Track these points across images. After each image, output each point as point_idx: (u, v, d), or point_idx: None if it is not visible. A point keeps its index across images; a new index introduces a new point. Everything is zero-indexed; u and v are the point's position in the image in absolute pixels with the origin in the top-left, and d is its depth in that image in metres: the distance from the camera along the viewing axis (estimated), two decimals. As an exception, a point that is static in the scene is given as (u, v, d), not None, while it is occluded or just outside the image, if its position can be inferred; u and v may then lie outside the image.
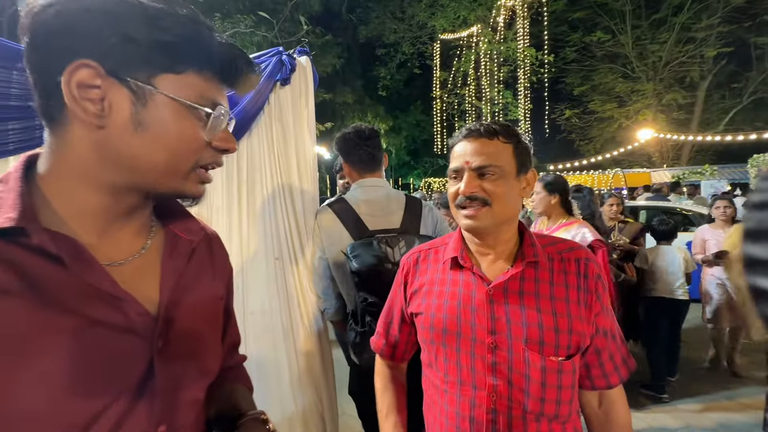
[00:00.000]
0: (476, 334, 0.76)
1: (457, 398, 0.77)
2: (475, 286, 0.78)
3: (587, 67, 14.45)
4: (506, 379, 0.73)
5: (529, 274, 0.77)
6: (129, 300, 0.48)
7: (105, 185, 0.49)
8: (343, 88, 12.78)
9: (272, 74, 1.42)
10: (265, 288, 1.47)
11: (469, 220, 0.76)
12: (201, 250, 0.62)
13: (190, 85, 0.48)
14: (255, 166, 1.49)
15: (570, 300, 0.75)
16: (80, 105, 0.44)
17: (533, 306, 0.75)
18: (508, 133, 0.77)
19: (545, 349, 0.73)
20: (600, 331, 0.78)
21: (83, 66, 0.43)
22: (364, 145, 1.42)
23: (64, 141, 0.47)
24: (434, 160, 17.74)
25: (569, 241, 0.84)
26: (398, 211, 1.41)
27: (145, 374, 0.49)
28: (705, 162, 11.12)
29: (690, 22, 12.46)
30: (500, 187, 0.74)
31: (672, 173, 10.51)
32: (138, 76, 0.46)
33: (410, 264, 0.91)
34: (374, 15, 13.31)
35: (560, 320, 0.73)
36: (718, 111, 13.71)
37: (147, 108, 0.46)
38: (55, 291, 0.44)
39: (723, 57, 12.57)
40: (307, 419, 1.47)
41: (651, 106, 13.70)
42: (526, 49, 11.43)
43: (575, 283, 0.77)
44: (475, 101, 13.07)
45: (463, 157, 0.77)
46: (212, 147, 0.53)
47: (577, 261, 0.78)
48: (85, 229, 0.49)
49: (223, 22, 8.23)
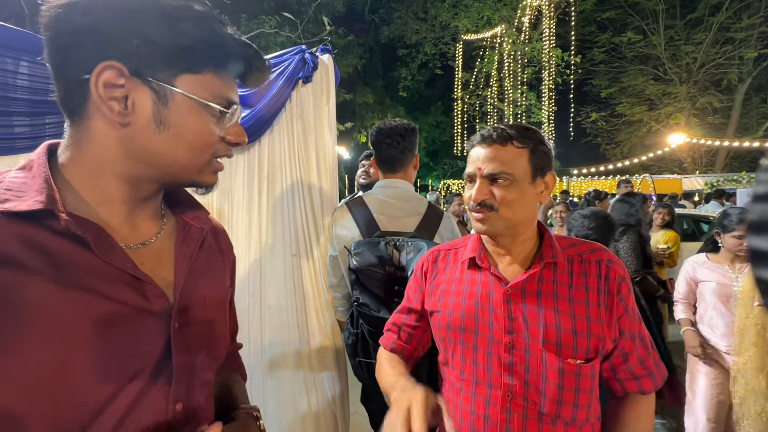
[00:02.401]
0: (493, 333, 0.76)
1: (472, 396, 0.78)
2: (493, 286, 0.79)
3: (616, 69, 13.96)
4: (522, 380, 0.73)
5: (547, 276, 0.77)
6: (148, 282, 0.50)
7: (127, 176, 0.51)
8: (363, 88, 12.85)
9: (294, 72, 1.43)
10: (282, 284, 1.49)
11: (479, 224, 0.78)
12: (209, 238, 0.65)
13: (208, 84, 0.51)
14: (276, 163, 1.51)
15: (589, 302, 0.75)
16: (107, 104, 0.47)
17: (551, 307, 0.75)
18: (524, 137, 0.77)
19: (563, 350, 0.72)
20: (626, 334, 0.76)
21: (109, 67, 0.45)
22: (384, 143, 1.37)
23: (87, 135, 0.49)
24: (454, 162, 17.58)
25: (592, 243, 0.83)
26: (415, 216, 1.35)
27: (162, 354, 0.51)
28: (742, 169, 10.54)
29: (729, 21, 11.86)
30: (511, 194, 0.75)
31: (705, 180, 10.03)
32: (160, 77, 0.48)
33: (429, 262, 0.92)
34: (397, 15, 13.29)
35: (578, 322, 0.73)
36: (758, 115, 12.97)
37: (168, 107, 0.49)
38: (80, 272, 0.46)
39: (764, 58, 11.89)
40: (319, 415, 1.48)
41: (684, 109, 13.11)
42: (551, 49, 11.15)
43: (595, 285, 0.76)
44: (497, 103, 12.86)
45: (476, 163, 0.78)
46: (225, 141, 0.55)
47: (598, 263, 0.78)
48: (108, 215, 0.51)
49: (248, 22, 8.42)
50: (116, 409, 0.46)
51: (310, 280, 1.51)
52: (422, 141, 16.31)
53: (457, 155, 14.73)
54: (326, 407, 1.50)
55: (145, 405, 0.49)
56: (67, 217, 0.45)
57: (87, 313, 0.45)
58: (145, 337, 0.50)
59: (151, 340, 0.50)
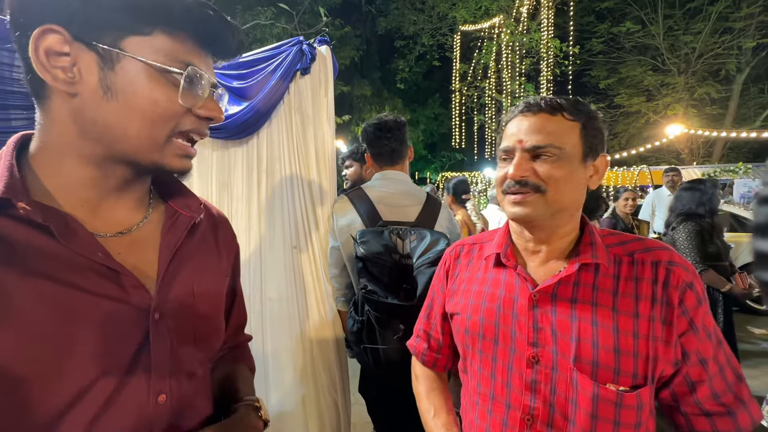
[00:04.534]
0: (515, 344, 0.66)
1: (488, 414, 0.68)
2: (519, 289, 0.68)
3: (614, 59, 13.88)
4: (547, 402, 0.62)
5: (586, 279, 0.64)
6: (123, 272, 0.48)
7: (87, 157, 0.49)
8: (361, 80, 12.74)
9: (292, 64, 1.42)
10: (282, 275, 1.50)
11: (517, 207, 0.65)
12: (204, 228, 0.62)
13: (160, 47, 0.47)
14: (274, 155, 1.51)
15: (640, 314, 0.60)
16: (51, 73, 0.44)
17: (588, 318, 0.62)
18: (576, 108, 0.65)
19: (600, 372, 0.59)
20: (691, 358, 0.61)
21: (48, 31, 0.43)
22: (385, 137, 1.42)
23: (48, 115, 0.47)
24: (452, 154, 17.52)
25: (648, 240, 0.67)
26: (415, 206, 1.40)
27: (141, 345, 0.49)
28: (739, 160, 10.56)
29: (728, 11, 11.76)
30: (558, 171, 0.62)
31: (702, 171, 10.05)
32: (104, 40, 0.44)
33: (451, 258, 0.83)
34: (393, 6, 13.13)
35: (623, 339, 0.60)
36: (756, 106, 12.96)
37: (115, 72, 0.45)
38: (44, 261, 0.44)
39: (763, 48, 11.84)
40: (321, 404, 1.50)
41: (682, 100, 13.07)
42: (550, 40, 11.07)
43: (649, 292, 0.61)
44: (495, 94, 12.80)
45: (515, 136, 0.65)
46: (194, 114, 0.51)
47: (655, 265, 0.63)
48: (75, 201, 0.49)
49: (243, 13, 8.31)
50: (92, 401, 0.45)
51: (310, 272, 1.52)
52: (420, 133, 16.24)
53: (455, 147, 14.69)
54: (327, 396, 1.52)
55: (125, 397, 0.47)
56: (25, 206, 0.43)
57: (51, 303, 0.44)
58: (120, 327, 0.48)
59: (128, 330, 0.49)
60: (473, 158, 15.18)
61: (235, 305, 0.72)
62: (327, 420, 1.52)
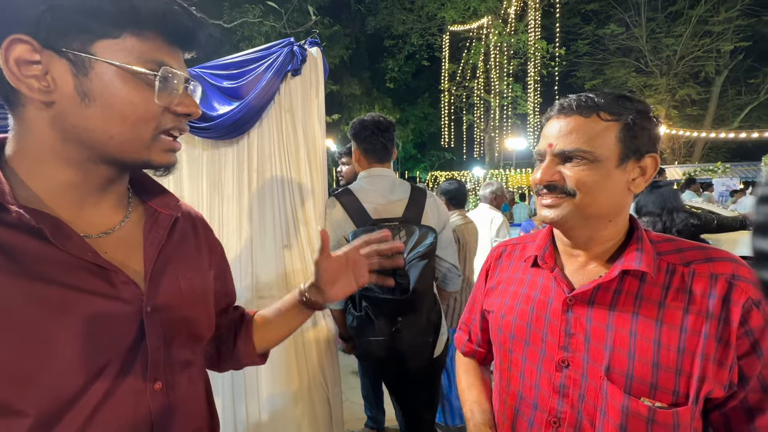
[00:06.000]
0: (546, 346, 0.65)
1: (515, 413, 0.69)
2: (554, 292, 0.67)
3: (599, 61, 14.18)
4: (575, 407, 0.61)
5: (630, 287, 0.61)
6: (113, 269, 0.50)
7: (71, 160, 0.49)
8: (350, 79, 12.72)
9: (283, 65, 1.43)
10: (273, 275, 1.51)
11: (546, 211, 0.64)
12: (182, 226, 0.64)
13: (131, 48, 0.46)
14: (265, 155, 1.52)
15: (689, 330, 0.56)
16: (24, 83, 0.44)
17: (626, 328, 0.59)
18: (618, 105, 0.61)
19: (635, 386, 0.56)
20: (751, 382, 0.56)
21: (17, 41, 0.43)
22: (381, 135, 1.46)
23: (23, 122, 0.47)
24: (441, 153, 17.64)
25: (711, 248, 0.62)
26: (402, 200, 1.44)
27: (136, 337, 0.51)
28: (718, 159, 10.92)
29: (707, 14, 12.14)
30: (589, 176, 0.60)
31: (683, 170, 10.36)
32: (73, 45, 0.44)
33: (493, 259, 0.84)
34: (383, 5, 13.13)
35: (665, 353, 0.56)
36: (734, 107, 13.42)
37: (89, 78, 0.45)
38: (37, 263, 0.45)
39: (740, 51, 12.25)
40: (313, 401, 1.52)
41: (664, 101, 13.44)
42: (537, 41, 11.24)
43: (703, 307, 0.56)
44: (483, 94, 12.93)
45: (547, 139, 0.64)
46: (171, 112, 0.51)
47: (714, 278, 0.57)
48: (60, 204, 0.49)
49: (231, 11, 8.21)
50: (91, 395, 0.46)
51: (301, 271, 1.54)
52: (410, 133, 16.29)
53: (445, 147, 14.79)
54: (320, 393, 1.54)
55: (123, 388, 0.49)
56: (18, 209, 0.43)
57: (47, 304, 0.44)
58: (115, 322, 0.49)
59: (122, 324, 0.50)
60: (462, 157, 15.31)
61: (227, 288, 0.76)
62: (319, 416, 1.53)
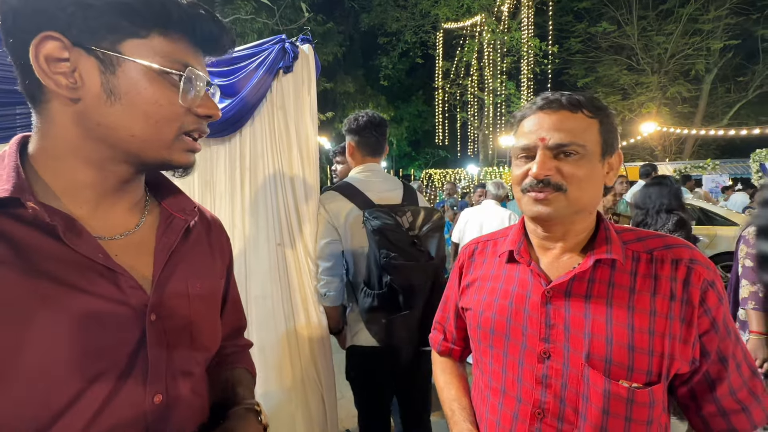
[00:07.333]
0: (527, 339, 0.66)
1: (498, 408, 0.69)
2: (532, 286, 0.68)
3: (592, 59, 14.28)
4: (558, 397, 0.63)
5: (601, 276, 0.64)
6: (121, 273, 0.49)
7: (91, 159, 0.49)
8: (344, 77, 12.66)
9: (275, 62, 1.42)
10: (266, 273, 1.50)
11: (539, 206, 0.64)
12: (198, 231, 0.63)
13: (157, 48, 0.47)
14: (257, 153, 1.51)
15: (657, 312, 0.60)
16: (52, 79, 0.45)
17: (602, 315, 0.61)
18: (594, 105, 0.65)
19: (613, 369, 0.59)
20: (711, 356, 0.61)
21: (48, 38, 0.43)
22: (374, 129, 1.52)
23: (47, 119, 0.47)
24: (435, 151, 17.66)
25: (667, 236, 0.67)
26: (397, 190, 1.54)
27: (138, 345, 0.50)
28: (708, 156, 11.07)
29: (697, 13, 12.27)
30: (581, 170, 0.62)
31: (674, 167, 10.49)
32: (103, 44, 0.45)
33: (465, 256, 0.84)
34: (376, 3, 13.09)
35: (638, 336, 0.59)
36: (723, 105, 13.60)
37: (116, 76, 0.46)
38: (48, 262, 0.45)
39: (729, 50, 12.41)
40: (308, 399, 1.52)
41: (655, 99, 13.58)
42: (530, 39, 11.29)
43: (668, 291, 0.60)
44: (477, 92, 12.96)
45: (536, 133, 0.64)
46: (193, 113, 0.52)
47: (675, 262, 0.62)
48: (77, 203, 0.49)
49: (223, 7, 8.12)
50: (88, 402, 0.45)
51: (295, 268, 1.54)
52: (404, 130, 16.28)
53: (439, 144, 14.80)
54: (314, 390, 1.54)
55: (121, 397, 0.48)
56: (34, 206, 0.43)
57: (53, 302, 0.44)
58: (118, 327, 0.48)
59: (125, 331, 0.49)
60: (456, 155, 15.35)
61: (228, 307, 0.71)
62: (314, 414, 1.54)
